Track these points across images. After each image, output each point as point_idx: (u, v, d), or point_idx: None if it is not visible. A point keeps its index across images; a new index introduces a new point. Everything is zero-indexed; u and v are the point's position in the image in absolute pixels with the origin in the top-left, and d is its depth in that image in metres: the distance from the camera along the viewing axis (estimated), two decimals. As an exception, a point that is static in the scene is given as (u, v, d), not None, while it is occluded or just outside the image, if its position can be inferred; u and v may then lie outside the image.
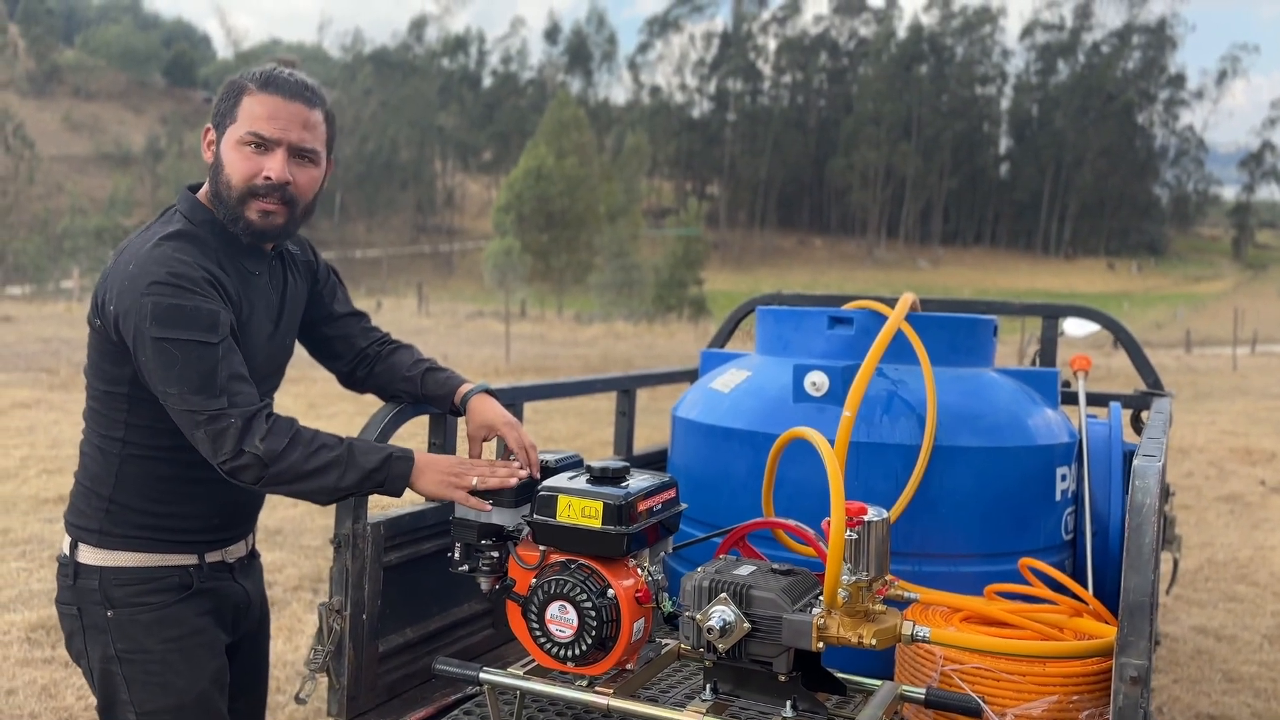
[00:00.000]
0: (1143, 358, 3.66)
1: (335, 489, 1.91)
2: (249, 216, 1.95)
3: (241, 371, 1.88)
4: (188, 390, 1.82)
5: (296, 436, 1.87)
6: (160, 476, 1.97)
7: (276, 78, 1.96)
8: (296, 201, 1.99)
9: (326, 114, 2.03)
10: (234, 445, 1.82)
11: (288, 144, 1.94)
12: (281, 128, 1.93)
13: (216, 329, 1.85)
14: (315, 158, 2.01)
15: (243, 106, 1.94)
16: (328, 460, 1.88)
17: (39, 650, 4.53)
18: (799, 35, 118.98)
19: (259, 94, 1.94)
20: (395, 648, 2.44)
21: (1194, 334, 35.01)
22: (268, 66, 1.99)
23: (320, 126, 2.01)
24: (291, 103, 1.95)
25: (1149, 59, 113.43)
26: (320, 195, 2.08)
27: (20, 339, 19.70)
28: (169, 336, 1.82)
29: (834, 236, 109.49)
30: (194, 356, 1.82)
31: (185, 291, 1.84)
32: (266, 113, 1.93)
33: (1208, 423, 13.66)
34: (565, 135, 64.25)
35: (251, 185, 1.93)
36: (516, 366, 18.58)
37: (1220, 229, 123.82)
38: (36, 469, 8.29)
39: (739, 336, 4.13)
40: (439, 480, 1.98)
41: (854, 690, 1.97)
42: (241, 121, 1.94)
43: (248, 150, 1.93)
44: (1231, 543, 7.32)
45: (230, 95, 1.97)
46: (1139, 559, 1.74)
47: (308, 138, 1.97)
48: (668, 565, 2.20)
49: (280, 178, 1.93)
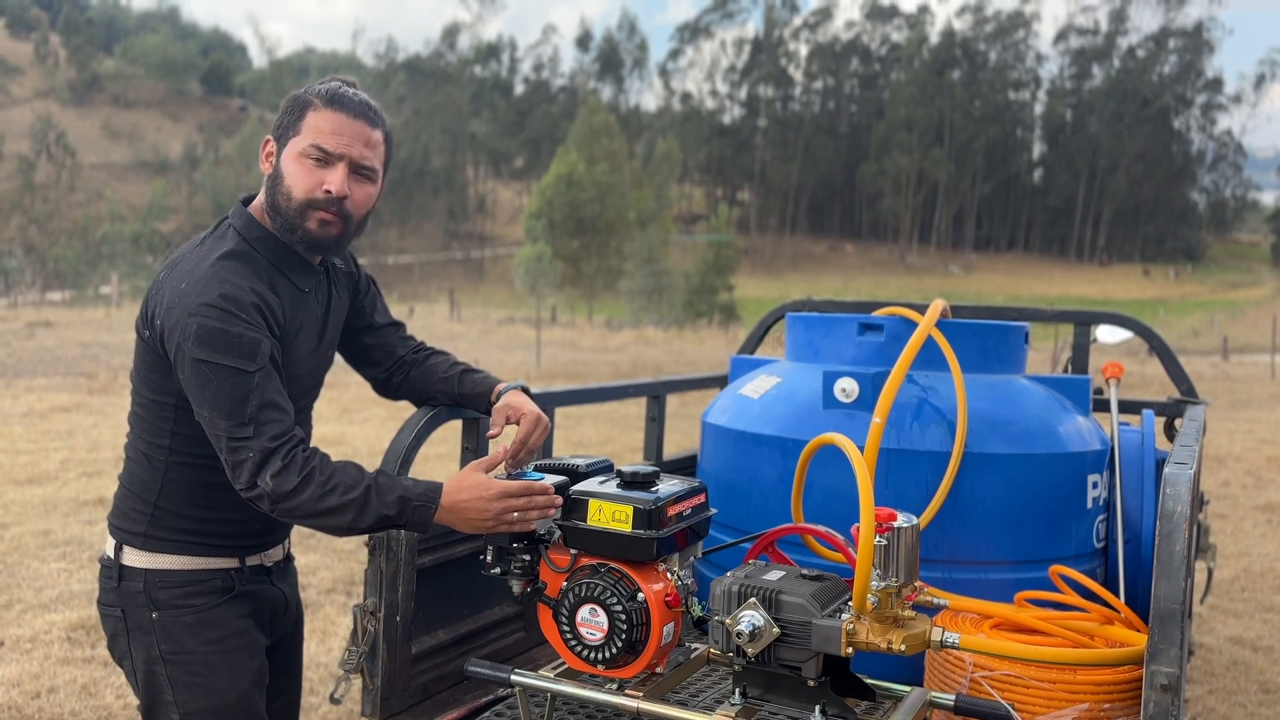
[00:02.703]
0: (1176, 365, 3.63)
1: (351, 529, 1.89)
2: (308, 226, 1.98)
3: (276, 399, 1.89)
4: (218, 415, 1.85)
5: (309, 476, 1.85)
6: (205, 483, 2.00)
7: (342, 95, 1.99)
8: (351, 217, 2.01)
9: (386, 134, 2.06)
10: (249, 478, 1.85)
11: (349, 160, 1.97)
12: (345, 144, 1.97)
13: (255, 357, 1.87)
14: (373, 176, 2.04)
15: (307, 120, 1.97)
16: (341, 503, 1.86)
17: (79, 650, 4.61)
18: (830, 41, 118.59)
19: (324, 109, 1.97)
20: (428, 649, 2.47)
21: (1232, 341, 34.50)
22: (333, 84, 2.02)
23: (380, 146, 2.04)
24: (355, 120, 1.98)
25: (1185, 63, 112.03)
26: (372, 214, 2.10)
27: (60, 344, 20.00)
28: (208, 360, 1.85)
29: (865, 242, 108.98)
30: (229, 383, 1.85)
31: (231, 316, 1.86)
32: (331, 128, 1.96)
33: (1245, 431, 13.46)
34: (596, 142, 64.49)
35: (311, 198, 1.96)
36: (547, 372, 18.64)
37: (1259, 235, 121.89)
38: (76, 472, 8.43)
39: (769, 343, 4.14)
40: (469, 526, 1.94)
41: (883, 696, 1.98)
42: (305, 134, 1.97)
43: (309, 163, 1.96)
44: (1269, 552, 7.22)
45: (294, 109, 2.00)
46: (1170, 566, 1.74)
47: (368, 155, 2.00)
48: (697, 570, 2.21)
49: (340, 192, 1.96)
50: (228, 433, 1.85)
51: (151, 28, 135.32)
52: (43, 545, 6.26)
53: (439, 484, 1.94)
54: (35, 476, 8.23)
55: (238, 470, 1.86)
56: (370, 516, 1.88)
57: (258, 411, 1.86)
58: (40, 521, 6.82)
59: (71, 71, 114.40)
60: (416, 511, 1.90)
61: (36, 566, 5.84)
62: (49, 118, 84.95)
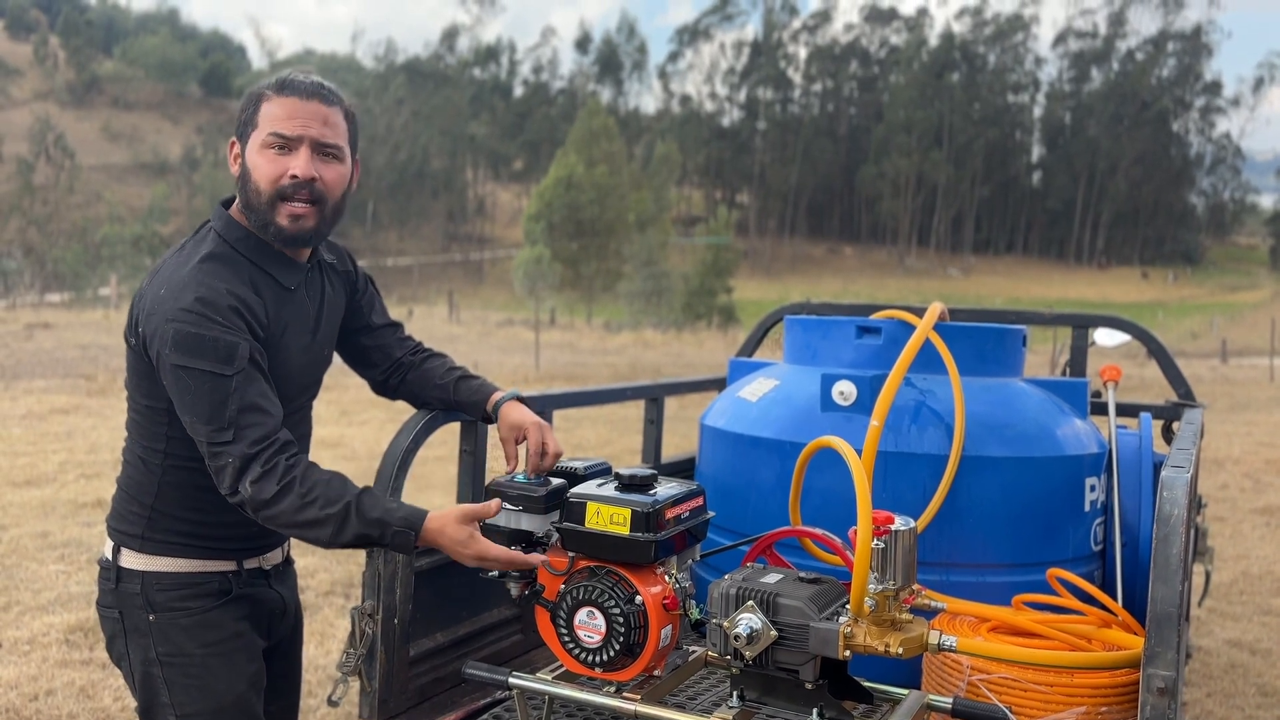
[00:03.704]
0: (1174, 368, 3.63)
1: (331, 543, 1.87)
2: (279, 222, 1.97)
3: (259, 402, 1.87)
4: (198, 420, 1.85)
5: (289, 485, 1.83)
6: (200, 487, 1.99)
7: (291, 80, 1.99)
8: (325, 199, 2.00)
9: (346, 112, 2.05)
10: (230, 483, 1.85)
11: (310, 140, 1.97)
12: (302, 125, 1.96)
13: (233, 361, 1.86)
14: (339, 153, 2.02)
15: (262, 112, 1.97)
16: (319, 517, 1.83)
17: (77, 652, 4.61)
18: (829, 44, 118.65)
19: (276, 97, 1.97)
20: (426, 652, 2.47)
21: (1230, 344, 34.50)
22: (284, 73, 2.02)
23: (341, 124, 2.03)
24: (309, 102, 1.97)
25: (1184, 66, 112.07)
26: (349, 197, 2.09)
27: (59, 345, 19.98)
28: (186, 365, 1.84)
29: (864, 245, 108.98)
30: (206, 387, 1.84)
31: (207, 320, 1.86)
32: (285, 113, 1.96)
33: (1244, 434, 13.47)
34: (595, 144, 64.52)
35: (279, 187, 1.96)
36: (546, 374, 18.64)
37: (1257, 238, 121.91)
38: (75, 474, 8.43)
39: (767, 345, 4.14)
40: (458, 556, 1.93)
41: (880, 699, 1.98)
42: (262, 125, 1.96)
43: (271, 153, 1.96)
44: (1267, 555, 7.23)
45: (250, 105, 2.00)
46: (1167, 569, 1.74)
47: (328, 133, 1.99)
48: (695, 573, 2.21)
49: (306, 174, 1.95)
50: (208, 438, 1.85)
51: (151, 29, 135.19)
52: (41, 547, 6.25)
53: (423, 512, 1.91)
54: (34, 478, 8.23)
55: (220, 475, 1.86)
56: (349, 533, 1.86)
57: (237, 415, 1.85)
58: (39, 523, 6.82)
59: (71, 73, 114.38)
60: (396, 536, 1.88)
61: (35, 568, 5.83)
62: (48, 119, 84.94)
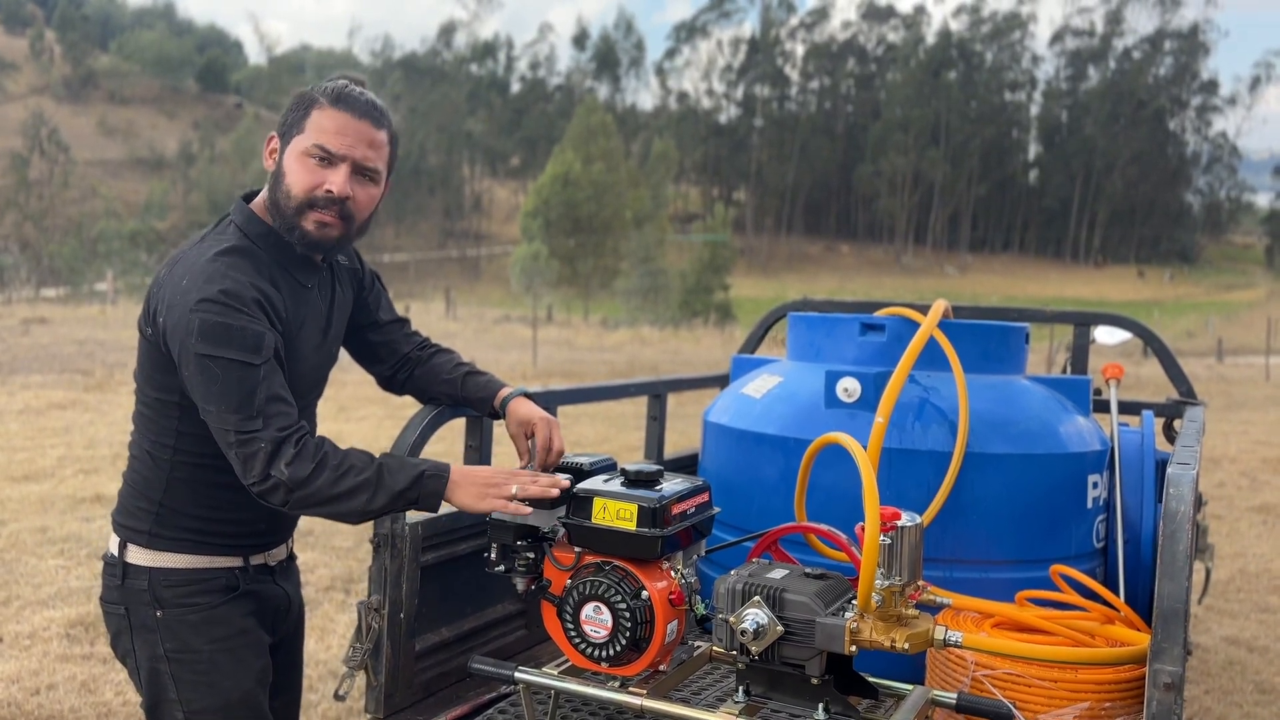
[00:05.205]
0: (1175, 366, 3.64)
1: (365, 511, 1.89)
2: (305, 226, 1.97)
3: (281, 393, 1.89)
4: (225, 409, 1.84)
5: (323, 461, 1.85)
6: (210, 483, 2.00)
7: (348, 95, 1.97)
8: (353, 218, 2.01)
9: (391, 135, 2.05)
10: (262, 469, 1.83)
11: (352, 160, 1.96)
12: (348, 144, 1.95)
13: (260, 350, 1.86)
14: (376, 177, 2.03)
15: (311, 119, 1.96)
16: (355, 484, 1.86)
17: (78, 646, 4.61)
18: (827, 41, 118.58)
19: (329, 109, 1.96)
20: (431, 646, 2.47)
21: (1226, 343, 34.57)
22: (339, 82, 2.00)
23: (385, 147, 2.03)
24: (360, 121, 1.96)
25: (1181, 65, 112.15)
26: (375, 214, 2.10)
27: (56, 340, 19.96)
28: (213, 354, 1.84)
29: (861, 242, 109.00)
30: (235, 376, 1.84)
31: (233, 310, 1.86)
32: (335, 127, 1.95)
33: (1240, 432, 13.51)
34: (593, 141, 64.48)
35: (311, 197, 1.95)
36: (543, 371, 18.63)
37: (1253, 237, 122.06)
38: (73, 469, 8.42)
39: (769, 342, 4.15)
40: (477, 493, 1.94)
41: (886, 694, 1.98)
42: (309, 133, 1.96)
43: (311, 163, 1.95)
44: (1264, 553, 7.25)
45: (300, 107, 1.98)
46: (1173, 566, 1.75)
47: (372, 156, 1.99)
48: (700, 569, 2.22)
49: (341, 192, 1.95)
50: (236, 426, 1.84)
51: (147, 24, 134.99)
52: (40, 542, 6.25)
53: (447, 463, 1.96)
54: (32, 473, 8.22)
55: (250, 463, 1.84)
56: (384, 494, 1.88)
57: (265, 404, 1.85)
58: (38, 518, 6.81)
59: (66, 68, 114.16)
60: (429, 482, 1.90)
61: (34, 563, 5.83)
62: (43, 114, 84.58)
